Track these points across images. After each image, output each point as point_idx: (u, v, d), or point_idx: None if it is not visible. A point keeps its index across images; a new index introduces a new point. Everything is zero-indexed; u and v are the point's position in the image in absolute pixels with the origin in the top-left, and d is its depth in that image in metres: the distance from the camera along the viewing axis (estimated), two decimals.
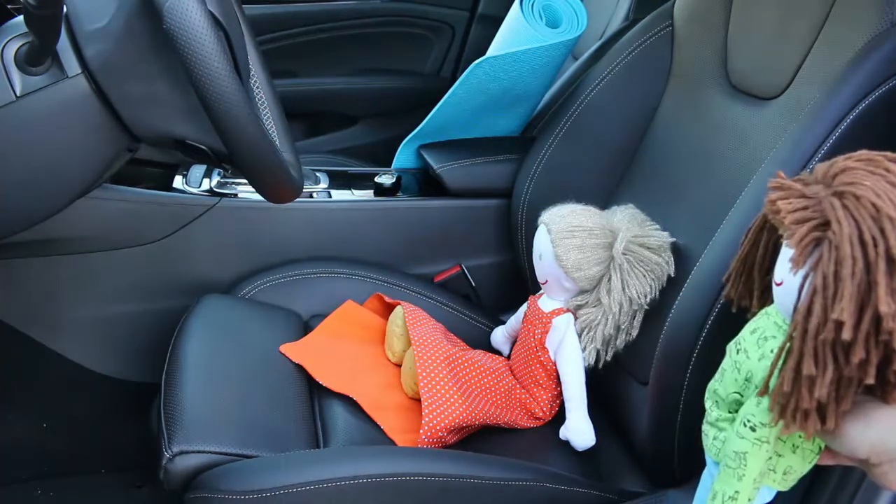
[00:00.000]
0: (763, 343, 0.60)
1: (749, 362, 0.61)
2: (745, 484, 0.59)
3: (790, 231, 0.52)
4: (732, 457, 0.60)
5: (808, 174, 0.57)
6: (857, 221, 0.49)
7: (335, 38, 1.92)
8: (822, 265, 0.50)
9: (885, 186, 0.50)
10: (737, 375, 0.62)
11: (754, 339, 0.62)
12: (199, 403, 0.92)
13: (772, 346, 0.60)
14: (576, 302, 1.02)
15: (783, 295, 0.56)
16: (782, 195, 0.54)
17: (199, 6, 0.71)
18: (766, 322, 0.61)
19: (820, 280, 0.50)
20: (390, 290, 1.21)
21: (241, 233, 1.23)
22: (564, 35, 1.29)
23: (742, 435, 0.59)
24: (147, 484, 1.31)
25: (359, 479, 0.82)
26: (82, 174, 0.88)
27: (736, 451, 0.59)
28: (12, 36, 0.80)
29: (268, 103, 1.02)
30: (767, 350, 0.60)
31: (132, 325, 1.24)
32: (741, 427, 0.59)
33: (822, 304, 0.49)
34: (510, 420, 1.04)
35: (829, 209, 0.51)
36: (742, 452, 0.59)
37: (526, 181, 1.22)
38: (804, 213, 0.52)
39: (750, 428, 0.58)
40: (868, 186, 0.50)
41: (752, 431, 0.58)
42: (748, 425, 0.59)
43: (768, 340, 0.60)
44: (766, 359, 0.59)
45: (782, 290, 0.56)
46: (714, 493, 0.61)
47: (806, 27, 0.93)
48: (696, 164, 1.05)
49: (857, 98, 0.83)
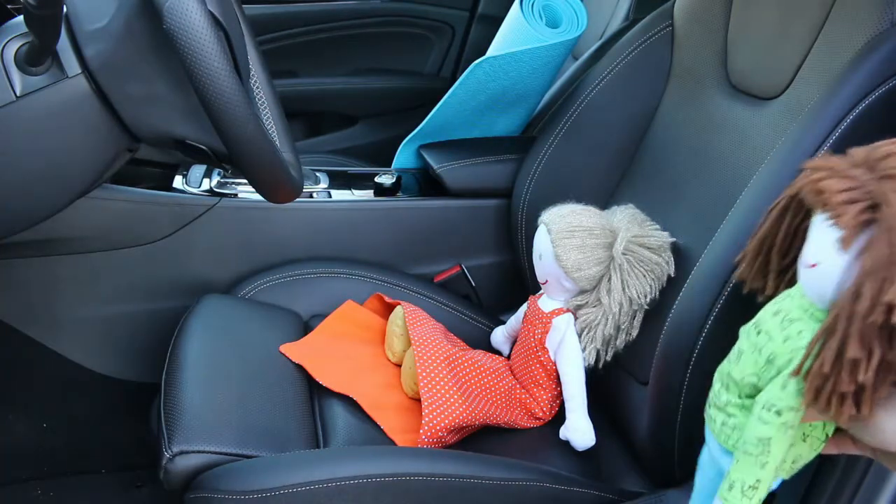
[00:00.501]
0: (788, 325, 0.59)
1: (772, 344, 0.60)
2: (768, 471, 0.58)
3: (838, 211, 0.52)
4: (754, 443, 0.58)
5: (844, 157, 0.56)
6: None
7: (335, 38, 1.92)
8: (875, 247, 0.49)
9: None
10: (757, 357, 0.61)
11: (777, 322, 0.60)
12: (199, 403, 0.92)
13: (798, 328, 0.58)
14: (576, 302, 1.02)
15: (818, 277, 0.55)
16: (826, 175, 0.54)
17: (199, 6, 0.71)
18: (789, 304, 0.60)
19: (870, 262, 0.49)
20: (390, 290, 1.21)
21: (241, 233, 1.23)
22: (564, 35, 1.29)
23: (766, 420, 0.57)
24: (147, 484, 1.31)
25: (359, 479, 0.82)
26: (82, 174, 0.88)
27: (759, 438, 0.58)
28: (12, 36, 0.80)
29: (268, 103, 1.02)
30: (794, 332, 0.58)
31: (132, 325, 1.24)
32: (764, 412, 0.58)
33: (874, 287, 0.49)
34: (510, 420, 1.04)
35: (879, 192, 0.50)
36: (766, 438, 0.57)
37: (526, 181, 1.22)
38: (852, 195, 0.52)
39: (775, 413, 0.57)
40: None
41: (777, 416, 0.57)
42: (773, 410, 0.57)
43: (794, 322, 0.59)
44: (791, 340, 0.58)
45: (817, 273, 0.55)
46: (731, 483, 0.59)
47: (806, 27, 0.93)
48: (696, 164, 1.05)
49: (858, 98, 0.83)
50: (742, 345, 0.64)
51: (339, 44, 1.93)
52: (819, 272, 0.55)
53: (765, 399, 0.59)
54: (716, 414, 0.65)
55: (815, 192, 0.54)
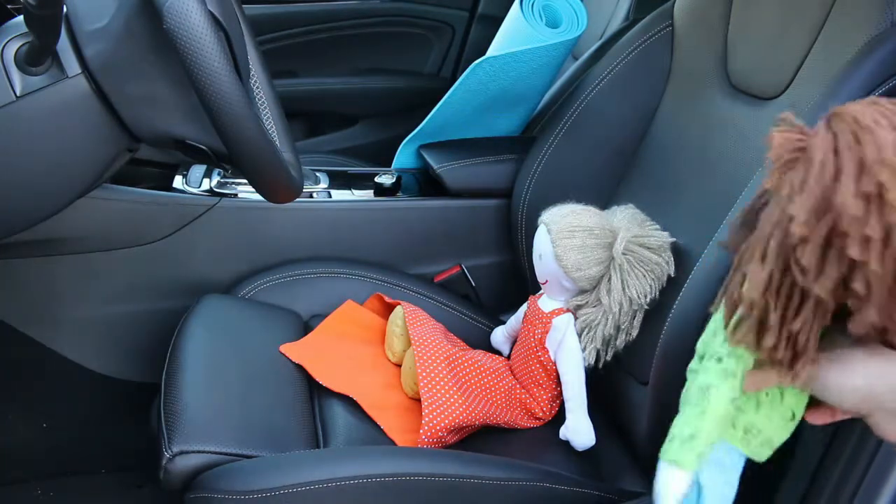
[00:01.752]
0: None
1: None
2: (707, 423, 0.55)
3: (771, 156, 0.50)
4: (695, 392, 0.56)
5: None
6: (835, 133, 0.47)
7: (335, 38, 1.92)
8: (791, 174, 0.48)
9: (871, 110, 0.48)
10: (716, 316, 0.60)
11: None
12: (199, 403, 0.92)
13: None
14: (576, 302, 1.02)
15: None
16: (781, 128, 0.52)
17: (199, 6, 0.71)
18: None
19: (787, 187, 0.47)
20: (390, 290, 1.21)
21: (241, 233, 1.23)
22: (564, 35, 1.29)
23: (707, 368, 0.56)
24: (147, 484, 1.31)
25: (359, 479, 0.82)
26: (82, 174, 0.88)
27: (699, 386, 0.56)
28: (12, 36, 0.80)
29: (268, 103, 1.02)
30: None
31: (132, 325, 1.24)
32: (706, 361, 0.56)
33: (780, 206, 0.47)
34: (510, 420, 1.04)
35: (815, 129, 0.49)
36: (705, 386, 0.56)
37: (526, 181, 1.22)
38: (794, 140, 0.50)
39: (716, 360, 0.56)
40: (855, 108, 0.48)
41: (717, 363, 0.55)
42: (714, 357, 0.56)
43: None
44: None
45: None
46: (672, 436, 0.57)
47: (806, 27, 0.93)
48: (696, 164, 1.05)
49: (858, 98, 0.83)
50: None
51: (339, 44, 1.93)
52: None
53: (707, 350, 0.57)
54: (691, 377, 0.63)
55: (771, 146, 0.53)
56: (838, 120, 0.48)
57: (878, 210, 0.44)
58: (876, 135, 0.45)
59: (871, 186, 0.44)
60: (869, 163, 0.44)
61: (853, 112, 0.47)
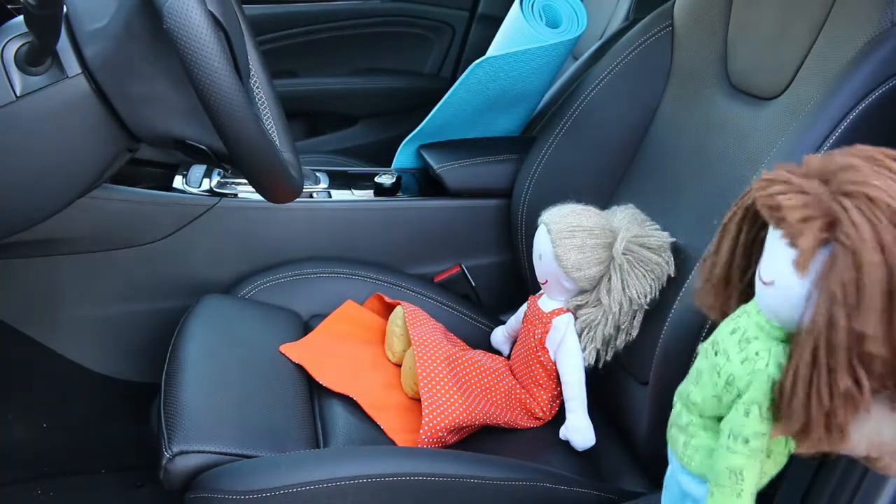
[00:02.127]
0: (746, 345, 0.58)
1: (730, 365, 0.58)
2: (745, 499, 0.57)
3: (794, 230, 0.49)
4: (726, 475, 0.57)
5: (798, 167, 0.54)
6: (875, 225, 0.47)
7: (335, 38, 1.92)
8: (839, 271, 0.47)
9: (892, 185, 0.48)
10: (716, 379, 0.59)
11: (735, 341, 0.59)
12: (199, 403, 0.92)
13: (755, 348, 0.57)
14: (576, 302, 1.02)
15: (773, 296, 0.53)
16: (782, 189, 0.51)
17: (199, 6, 0.71)
18: (746, 322, 0.59)
19: (839, 289, 0.47)
20: (390, 290, 1.21)
21: (241, 233, 1.23)
22: (564, 35, 1.29)
23: (735, 450, 0.56)
24: (147, 484, 1.31)
25: (359, 479, 0.82)
26: (82, 174, 0.88)
27: (730, 469, 0.57)
28: (12, 36, 0.80)
29: (268, 103, 1.02)
30: (752, 353, 0.57)
31: (132, 325, 1.24)
32: (731, 442, 0.56)
33: (846, 314, 0.47)
34: (510, 420, 1.04)
35: (839, 210, 0.48)
36: (737, 468, 0.56)
37: (526, 181, 1.22)
38: (808, 212, 0.49)
39: (743, 441, 0.56)
40: (879, 188, 0.48)
41: (745, 445, 0.56)
42: (740, 438, 0.56)
43: (751, 342, 0.57)
44: (749, 362, 0.57)
45: (773, 292, 0.53)
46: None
47: (806, 27, 0.93)
48: (696, 164, 1.05)
49: (858, 98, 0.83)
50: (701, 365, 0.62)
51: (339, 44, 1.93)
52: (775, 291, 0.53)
53: (730, 427, 0.57)
54: (678, 434, 0.64)
55: (770, 208, 0.52)
56: (871, 207, 0.47)
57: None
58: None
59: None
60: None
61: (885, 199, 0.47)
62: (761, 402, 0.55)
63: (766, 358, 0.56)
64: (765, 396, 0.55)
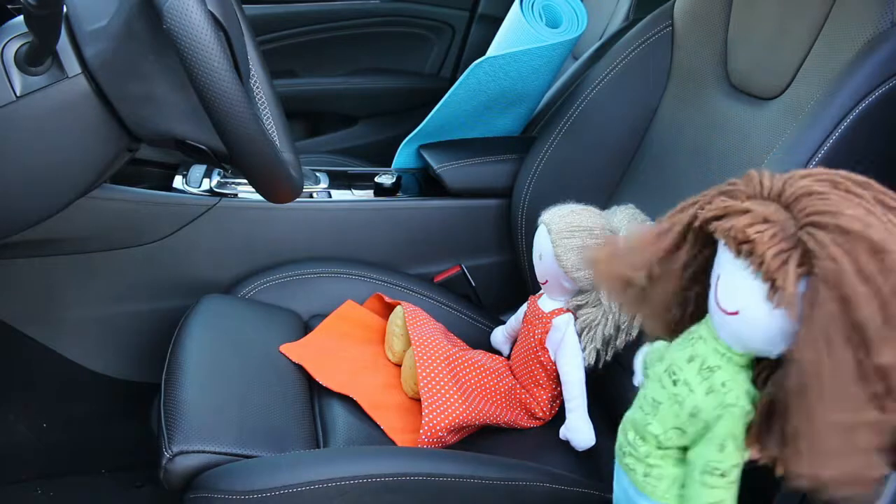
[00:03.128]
0: (709, 374, 0.56)
1: (693, 397, 0.57)
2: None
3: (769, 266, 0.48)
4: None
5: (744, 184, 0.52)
6: (856, 258, 0.46)
7: (335, 38, 1.92)
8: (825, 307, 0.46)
9: (863, 214, 0.47)
10: (678, 410, 0.58)
11: (694, 370, 0.57)
12: (199, 403, 0.92)
13: (721, 378, 0.56)
14: (576, 302, 1.02)
15: (739, 325, 0.52)
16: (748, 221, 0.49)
17: (199, 6, 0.71)
18: (703, 348, 0.57)
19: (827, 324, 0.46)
20: (390, 290, 1.21)
21: (241, 233, 1.23)
22: (564, 35, 1.29)
23: (713, 485, 0.56)
24: (147, 484, 1.31)
25: (359, 479, 0.82)
26: (82, 174, 0.87)
27: (711, 503, 0.56)
28: (12, 36, 0.80)
29: (268, 103, 1.02)
30: (717, 384, 0.56)
31: (132, 325, 1.24)
32: (708, 477, 0.56)
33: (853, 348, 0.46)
34: (510, 420, 1.04)
35: (814, 244, 0.47)
36: (719, 502, 0.56)
37: (526, 181, 1.22)
38: (781, 246, 0.48)
39: (719, 476, 0.55)
40: (853, 217, 0.47)
41: (722, 478, 0.55)
42: (717, 473, 0.55)
43: (714, 372, 0.56)
44: (715, 394, 0.55)
45: (738, 321, 0.52)
46: None
47: (806, 27, 0.93)
48: (697, 163, 1.05)
49: (858, 98, 0.83)
50: (656, 394, 0.60)
51: (339, 44, 1.93)
52: (741, 321, 0.52)
53: (702, 464, 0.56)
54: (635, 464, 0.62)
55: (736, 240, 0.50)
56: (849, 238, 0.46)
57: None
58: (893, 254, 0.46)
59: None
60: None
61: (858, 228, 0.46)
62: (736, 434, 0.55)
63: (735, 390, 0.55)
64: (740, 429, 0.54)
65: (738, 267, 0.51)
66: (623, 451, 0.64)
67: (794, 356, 0.49)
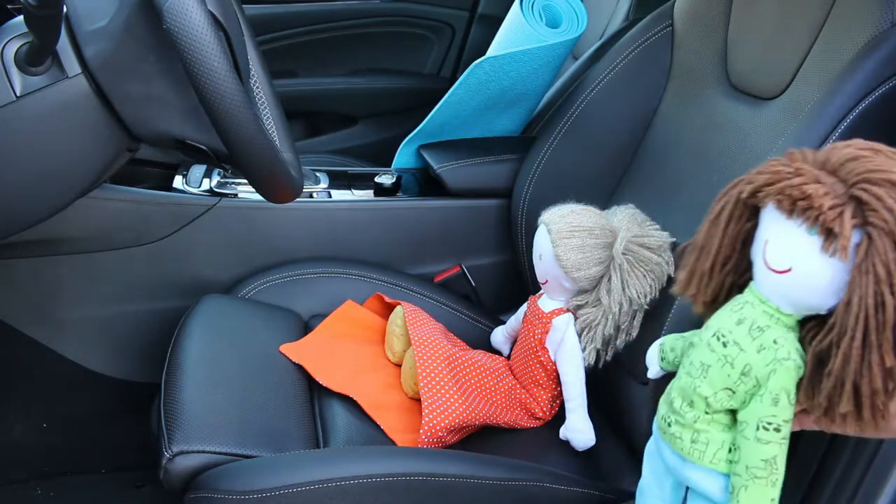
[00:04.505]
0: (759, 334, 0.59)
1: (745, 355, 0.59)
2: (779, 488, 0.58)
3: (826, 217, 0.51)
4: (762, 466, 0.58)
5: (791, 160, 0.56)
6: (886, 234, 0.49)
7: (335, 38, 1.92)
8: (881, 253, 0.50)
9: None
10: (729, 370, 0.60)
11: (745, 331, 0.60)
12: (199, 403, 0.92)
13: (771, 336, 0.58)
14: (576, 302, 1.02)
15: (791, 284, 0.55)
16: (802, 179, 0.53)
17: (199, 6, 0.71)
18: (751, 311, 0.60)
19: (883, 269, 0.50)
20: (390, 290, 1.21)
21: (241, 233, 1.23)
22: (564, 35, 1.29)
23: (767, 440, 0.57)
24: (147, 484, 1.31)
25: (359, 479, 0.82)
26: (82, 174, 0.88)
27: (765, 459, 0.57)
28: (12, 36, 0.80)
29: (268, 103, 1.02)
30: (768, 341, 0.58)
31: (132, 325, 1.24)
32: (764, 432, 0.57)
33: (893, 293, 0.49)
34: (510, 420, 1.04)
35: (870, 197, 0.51)
36: (772, 458, 0.57)
37: (526, 181, 1.22)
38: (837, 200, 0.52)
39: (774, 430, 0.57)
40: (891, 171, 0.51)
41: (777, 433, 0.57)
42: (772, 428, 0.57)
43: (765, 331, 0.58)
44: (767, 351, 0.58)
45: (790, 279, 0.55)
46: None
47: (806, 27, 0.93)
48: (697, 163, 1.05)
49: (858, 98, 0.83)
50: (704, 358, 0.62)
51: (339, 44, 1.93)
52: (792, 279, 0.55)
53: (758, 418, 0.58)
54: (681, 432, 0.64)
55: (792, 198, 0.54)
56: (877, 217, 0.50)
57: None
58: None
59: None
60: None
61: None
62: (789, 389, 0.56)
63: (787, 346, 0.57)
64: (792, 384, 0.57)
65: (790, 227, 0.55)
66: (667, 421, 0.65)
67: (849, 299, 0.52)
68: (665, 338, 0.74)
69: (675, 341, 0.72)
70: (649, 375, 0.76)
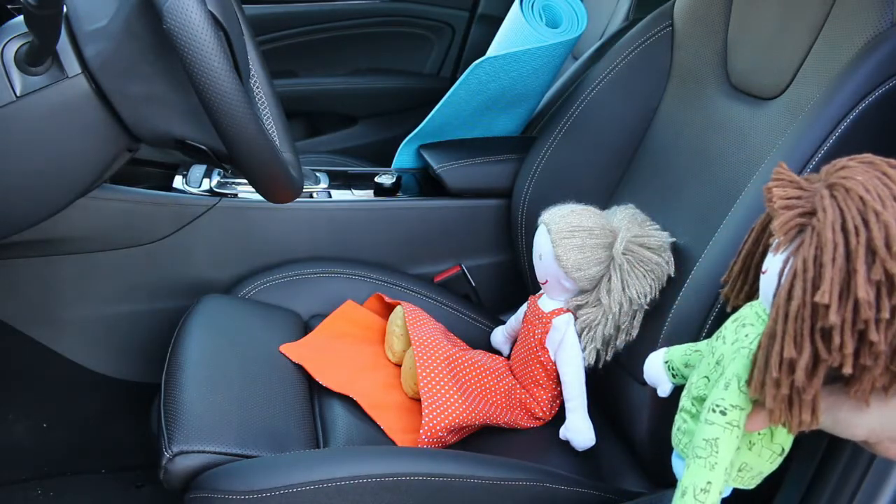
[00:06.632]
0: (740, 329, 0.61)
1: (723, 346, 0.61)
2: (718, 473, 0.58)
3: (775, 216, 0.53)
4: (703, 445, 0.58)
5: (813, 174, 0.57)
6: (842, 210, 0.50)
7: (335, 38, 1.92)
8: (803, 249, 0.51)
9: (875, 183, 0.51)
10: (710, 360, 0.62)
11: (734, 328, 0.62)
12: (199, 403, 0.92)
13: (748, 332, 0.59)
14: (576, 302, 1.02)
15: (766, 283, 0.56)
16: (778, 184, 0.55)
17: (199, 6, 0.71)
18: (748, 311, 0.62)
19: (800, 263, 0.51)
20: (390, 290, 1.21)
21: (241, 233, 1.23)
22: (564, 35, 1.29)
23: (712, 421, 0.58)
24: (147, 484, 1.31)
25: (359, 479, 0.82)
26: (82, 174, 0.88)
27: (706, 439, 0.58)
28: (12, 36, 0.80)
29: (268, 103, 1.02)
30: (742, 335, 0.60)
31: (132, 325, 1.24)
32: (710, 413, 0.58)
33: (803, 287, 0.50)
34: (510, 420, 1.04)
35: (817, 199, 0.52)
36: (713, 439, 0.58)
37: (526, 181, 1.22)
38: (794, 202, 0.53)
39: (720, 412, 0.57)
40: (859, 181, 0.51)
41: (722, 416, 0.57)
42: (718, 409, 0.58)
43: (745, 327, 0.60)
44: (738, 342, 0.59)
45: (766, 278, 0.56)
46: (684, 489, 0.59)
47: (806, 27, 0.93)
48: (697, 164, 1.05)
49: (858, 98, 0.83)
50: (703, 350, 0.65)
51: (339, 44, 1.93)
52: (766, 278, 0.56)
53: (710, 400, 0.59)
54: (681, 429, 0.66)
55: (767, 202, 0.56)
56: (845, 196, 0.51)
57: (887, 295, 0.48)
58: (882, 219, 0.49)
59: (881, 275, 0.48)
60: (879, 251, 0.48)
61: (859, 190, 0.50)
62: (740, 375, 0.57)
63: (751, 337, 0.59)
64: (744, 370, 0.57)
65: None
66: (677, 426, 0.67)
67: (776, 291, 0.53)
68: (668, 354, 0.75)
69: (686, 356, 0.74)
70: (660, 394, 0.78)
